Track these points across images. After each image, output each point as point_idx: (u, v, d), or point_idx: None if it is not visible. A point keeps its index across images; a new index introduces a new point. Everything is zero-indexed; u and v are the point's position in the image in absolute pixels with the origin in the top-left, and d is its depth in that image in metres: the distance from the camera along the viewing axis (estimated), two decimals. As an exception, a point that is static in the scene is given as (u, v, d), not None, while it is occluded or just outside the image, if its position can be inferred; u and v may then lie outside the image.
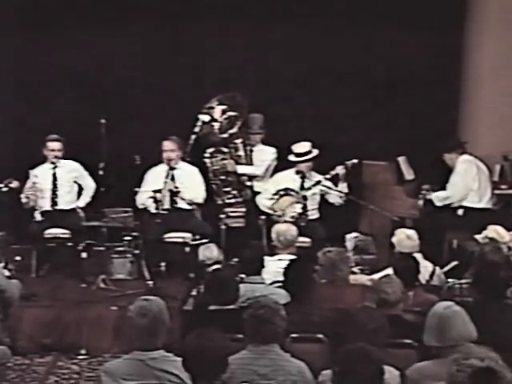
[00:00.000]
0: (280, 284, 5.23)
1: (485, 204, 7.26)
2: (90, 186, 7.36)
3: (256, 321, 3.88)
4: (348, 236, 5.89)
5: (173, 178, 7.12)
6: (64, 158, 7.28)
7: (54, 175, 7.28)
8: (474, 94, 8.08)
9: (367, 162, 7.59)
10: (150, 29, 7.91)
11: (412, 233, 5.84)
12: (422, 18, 7.88)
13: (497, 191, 7.46)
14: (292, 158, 7.27)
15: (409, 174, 7.62)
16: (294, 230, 6.08)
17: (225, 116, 7.30)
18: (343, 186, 7.20)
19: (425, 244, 5.89)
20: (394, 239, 5.84)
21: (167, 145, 7.16)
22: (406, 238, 5.78)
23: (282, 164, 7.48)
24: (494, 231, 5.85)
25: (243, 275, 5.27)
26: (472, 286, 4.83)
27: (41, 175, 7.22)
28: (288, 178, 7.29)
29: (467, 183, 7.20)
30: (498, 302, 4.50)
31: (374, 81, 8.03)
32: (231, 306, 4.63)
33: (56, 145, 7.23)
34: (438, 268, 5.77)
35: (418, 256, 5.62)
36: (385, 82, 8.01)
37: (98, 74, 7.90)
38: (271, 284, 5.35)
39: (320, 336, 4.38)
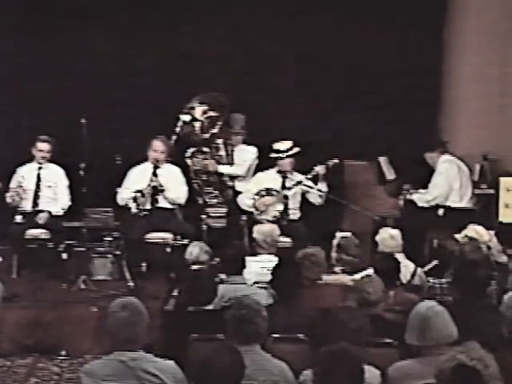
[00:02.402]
0: (262, 284, 5.26)
1: (465, 204, 7.31)
2: (63, 200, 7.22)
3: (237, 321, 3.88)
4: (338, 234, 5.90)
5: (157, 176, 7.10)
6: (52, 160, 7.23)
7: (39, 176, 7.23)
8: (455, 93, 8.12)
9: (348, 162, 7.61)
10: (131, 26, 7.88)
11: (396, 232, 5.86)
12: (403, 15, 7.90)
13: (477, 191, 7.51)
14: (273, 155, 7.26)
15: (390, 174, 7.66)
16: (277, 230, 6.11)
17: (206, 116, 7.29)
18: (322, 186, 7.22)
19: (406, 243, 5.90)
20: (377, 238, 5.87)
21: (158, 145, 7.14)
22: (389, 238, 5.81)
23: (263, 164, 7.49)
24: (474, 230, 5.87)
25: (224, 275, 5.27)
26: (452, 285, 4.86)
27: (26, 175, 7.18)
28: (269, 178, 7.31)
29: (449, 182, 7.23)
30: (478, 301, 4.52)
31: (356, 81, 8.05)
32: (210, 307, 4.62)
33: (45, 146, 7.19)
34: (419, 268, 5.80)
35: (400, 256, 5.67)
36: (366, 82, 8.03)
37: (79, 73, 7.86)
38: (253, 284, 5.37)
39: (301, 336, 4.37)
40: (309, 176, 7.22)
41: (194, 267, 5.55)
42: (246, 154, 7.55)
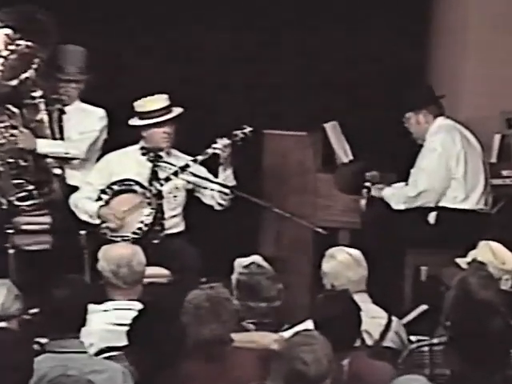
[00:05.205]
0: (116, 353, 5.29)
1: (474, 203, 7.44)
2: None
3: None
4: (237, 261, 5.90)
5: None
6: None
7: None
8: (451, 17, 8.28)
9: (271, 132, 7.73)
10: None
11: (356, 256, 5.94)
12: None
13: (495, 181, 7.70)
14: (135, 121, 7.36)
15: (343, 153, 7.77)
16: (140, 254, 6.11)
17: (12, 48, 7.29)
18: (228, 175, 7.27)
19: (371, 275, 5.95)
20: (324, 266, 5.92)
21: None
22: (344, 265, 5.86)
23: (116, 138, 7.59)
24: (489, 251, 5.95)
25: (47, 340, 5.21)
26: (450, 348, 4.90)
27: None
28: (129, 162, 7.42)
29: (447, 167, 7.36)
30: (494, 376, 4.56)
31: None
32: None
33: None
34: (395, 318, 5.87)
35: (363, 297, 5.74)
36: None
37: None
38: (98, 354, 5.39)
39: None
40: (200, 157, 7.28)
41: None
42: (87, 120, 7.66)
